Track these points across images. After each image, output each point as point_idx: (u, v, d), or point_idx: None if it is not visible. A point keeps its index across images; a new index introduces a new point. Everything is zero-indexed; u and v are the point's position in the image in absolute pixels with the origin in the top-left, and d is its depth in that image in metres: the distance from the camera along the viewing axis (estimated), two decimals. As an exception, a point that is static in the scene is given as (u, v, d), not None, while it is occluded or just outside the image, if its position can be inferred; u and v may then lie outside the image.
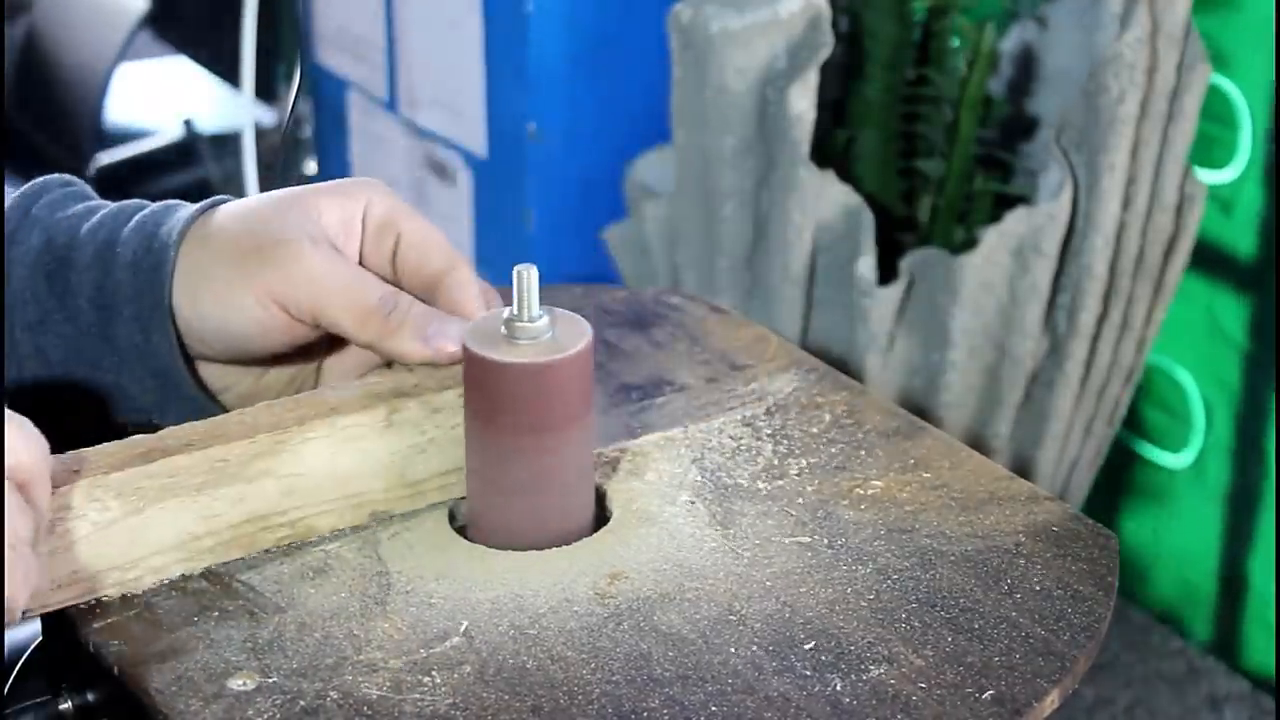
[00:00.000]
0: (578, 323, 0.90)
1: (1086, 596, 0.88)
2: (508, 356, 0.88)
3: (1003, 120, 1.89)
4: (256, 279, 0.93)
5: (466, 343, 0.89)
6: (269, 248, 0.93)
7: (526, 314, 0.89)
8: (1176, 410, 2.08)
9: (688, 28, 1.77)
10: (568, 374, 0.89)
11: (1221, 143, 1.94)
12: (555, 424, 0.89)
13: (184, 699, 0.81)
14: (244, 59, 2.57)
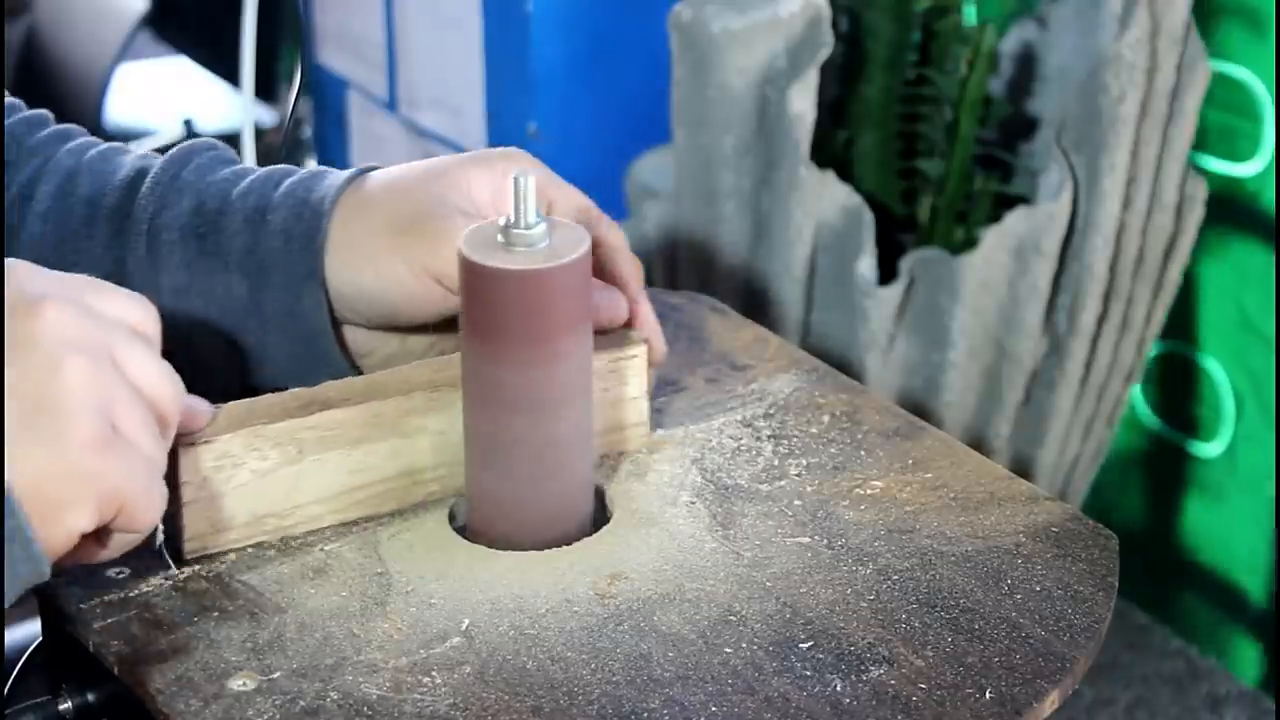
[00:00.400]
0: (576, 231, 0.89)
1: (1087, 597, 0.88)
2: (504, 263, 0.87)
3: (1003, 120, 1.89)
4: (412, 252, 0.95)
5: (462, 250, 0.88)
6: (424, 221, 0.95)
7: (523, 221, 0.88)
8: (1207, 400, 2.08)
9: (688, 28, 1.77)
10: (565, 281, 0.87)
11: (1246, 135, 1.94)
12: (553, 333, 0.88)
13: (184, 699, 0.81)
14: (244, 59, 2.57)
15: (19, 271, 0.81)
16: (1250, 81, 1.93)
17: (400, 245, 0.95)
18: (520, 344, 0.88)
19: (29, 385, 0.79)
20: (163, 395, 0.82)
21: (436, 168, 0.97)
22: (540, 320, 0.87)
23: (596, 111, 2.13)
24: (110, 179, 1.01)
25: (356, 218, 0.96)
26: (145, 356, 0.82)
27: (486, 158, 0.98)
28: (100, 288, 0.83)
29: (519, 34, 2.10)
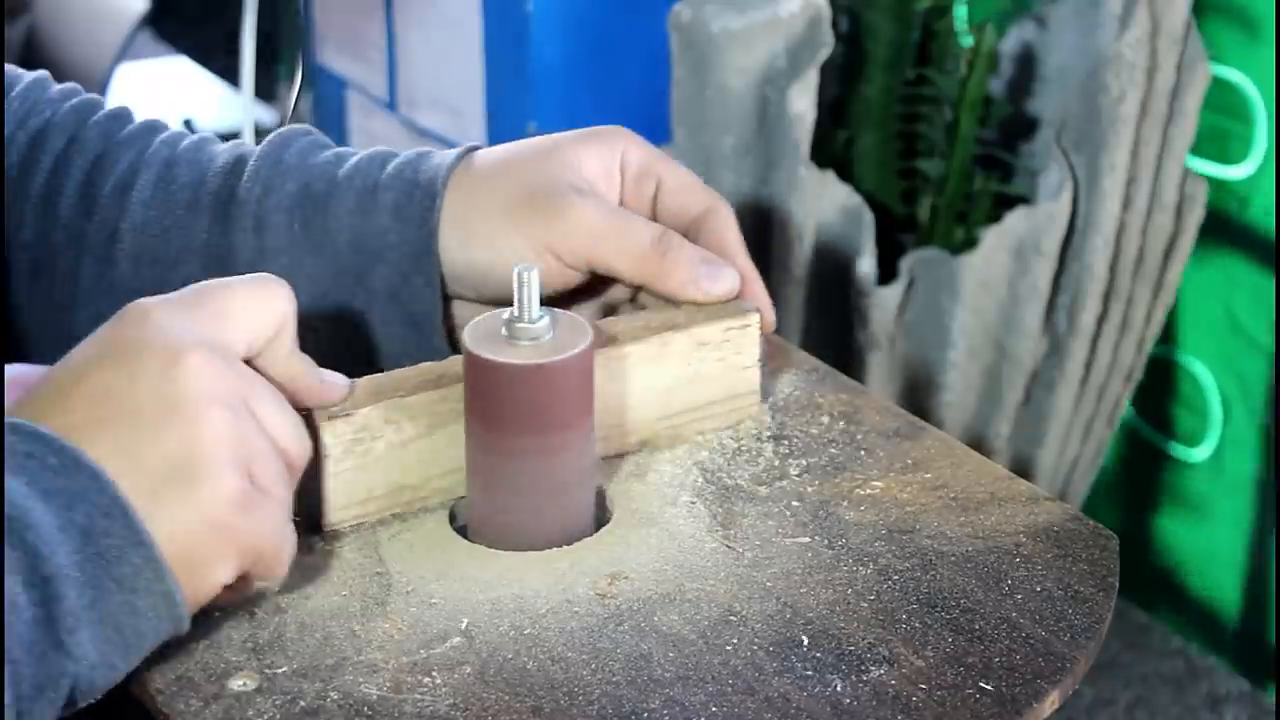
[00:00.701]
0: (579, 324, 0.90)
1: (1087, 597, 0.88)
2: (508, 357, 0.88)
3: (1003, 120, 1.89)
4: (530, 229, 0.96)
5: (465, 343, 0.89)
6: (542, 198, 0.96)
7: (527, 315, 0.89)
8: (1195, 405, 2.08)
9: (688, 28, 1.77)
10: (568, 375, 0.89)
11: (1237, 138, 1.94)
12: (556, 425, 0.89)
13: (184, 699, 0.81)
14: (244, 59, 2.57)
15: (158, 316, 0.82)
16: (1241, 83, 1.93)
17: (518, 222, 0.96)
18: (524, 436, 0.89)
19: (172, 443, 0.80)
20: (292, 444, 0.84)
21: (545, 146, 0.99)
22: (544, 413, 0.89)
23: (596, 111, 2.13)
24: (209, 166, 1.02)
25: (469, 196, 0.98)
26: (278, 406, 0.84)
27: (596, 135, 1.00)
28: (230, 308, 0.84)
29: (519, 34, 2.10)
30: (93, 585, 0.77)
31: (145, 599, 0.79)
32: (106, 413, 0.80)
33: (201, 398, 0.80)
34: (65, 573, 0.76)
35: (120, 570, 0.78)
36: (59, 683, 0.76)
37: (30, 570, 0.76)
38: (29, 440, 0.78)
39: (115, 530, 0.78)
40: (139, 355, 0.81)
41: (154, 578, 0.79)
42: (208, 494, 0.80)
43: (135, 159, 1.02)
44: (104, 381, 0.80)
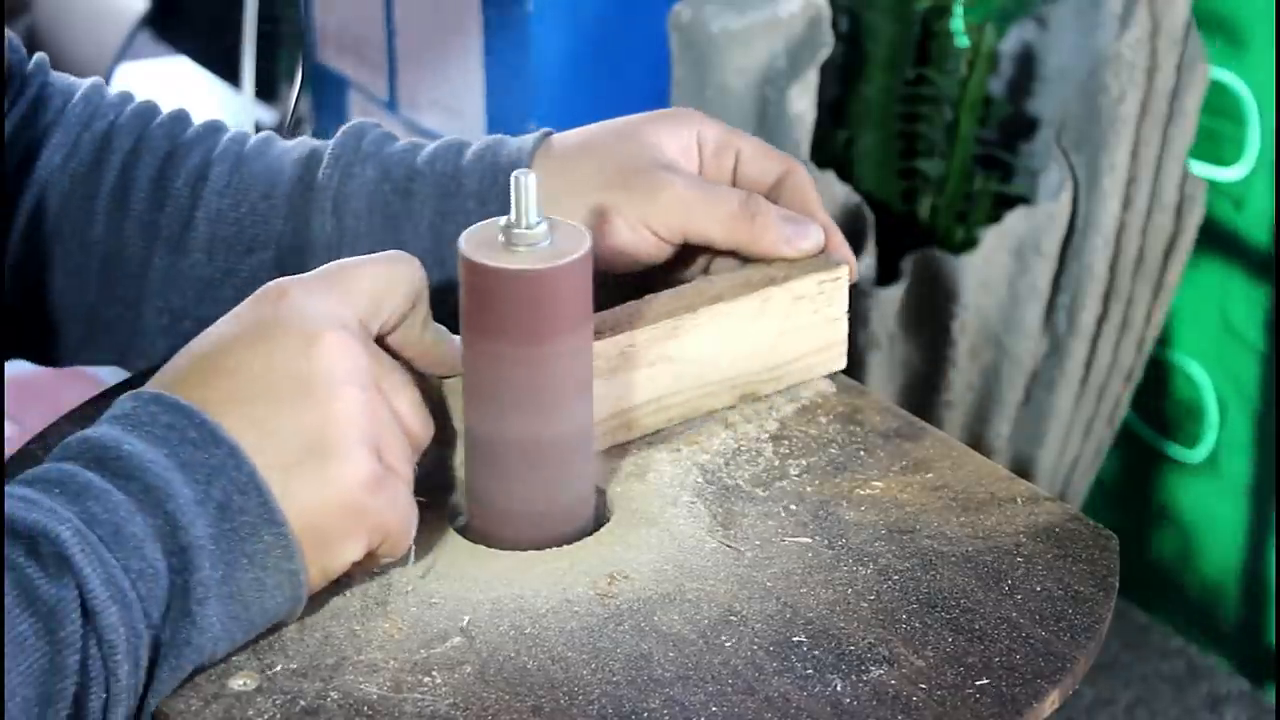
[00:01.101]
0: (577, 231, 0.89)
1: (1087, 597, 0.88)
2: (505, 263, 0.87)
3: (1003, 120, 1.89)
4: (625, 206, 0.99)
5: (462, 249, 0.88)
6: (633, 175, 0.99)
7: (525, 220, 0.87)
8: (1191, 406, 2.08)
9: (688, 28, 1.77)
10: (566, 281, 0.87)
11: (1230, 140, 1.95)
12: (554, 332, 0.88)
13: (184, 699, 0.81)
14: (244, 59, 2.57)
15: (294, 296, 0.84)
16: (1234, 85, 1.93)
17: (613, 199, 0.99)
18: (521, 343, 0.88)
19: (307, 421, 0.82)
20: (417, 425, 0.86)
21: (624, 129, 1.02)
22: (541, 320, 0.87)
23: (596, 111, 2.12)
24: (282, 158, 1.04)
25: (555, 177, 0.99)
26: (406, 387, 0.86)
27: (671, 116, 1.03)
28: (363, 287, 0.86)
29: (519, 34, 2.10)
30: (225, 560, 0.80)
31: (273, 576, 0.81)
32: (244, 390, 0.82)
33: (335, 378, 0.82)
34: (201, 544, 0.79)
35: (253, 547, 0.80)
36: (183, 652, 0.79)
37: (169, 539, 0.78)
38: (171, 412, 0.81)
39: (250, 507, 0.80)
40: (276, 335, 0.83)
41: (283, 556, 0.81)
42: (339, 473, 0.82)
43: (206, 154, 1.04)
44: (242, 360, 0.82)
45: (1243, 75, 1.92)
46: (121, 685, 0.77)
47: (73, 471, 0.79)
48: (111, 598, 0.76)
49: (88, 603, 0.76)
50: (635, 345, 0.96)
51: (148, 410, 0.81)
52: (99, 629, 0.76)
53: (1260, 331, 1.98)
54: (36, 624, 0.75)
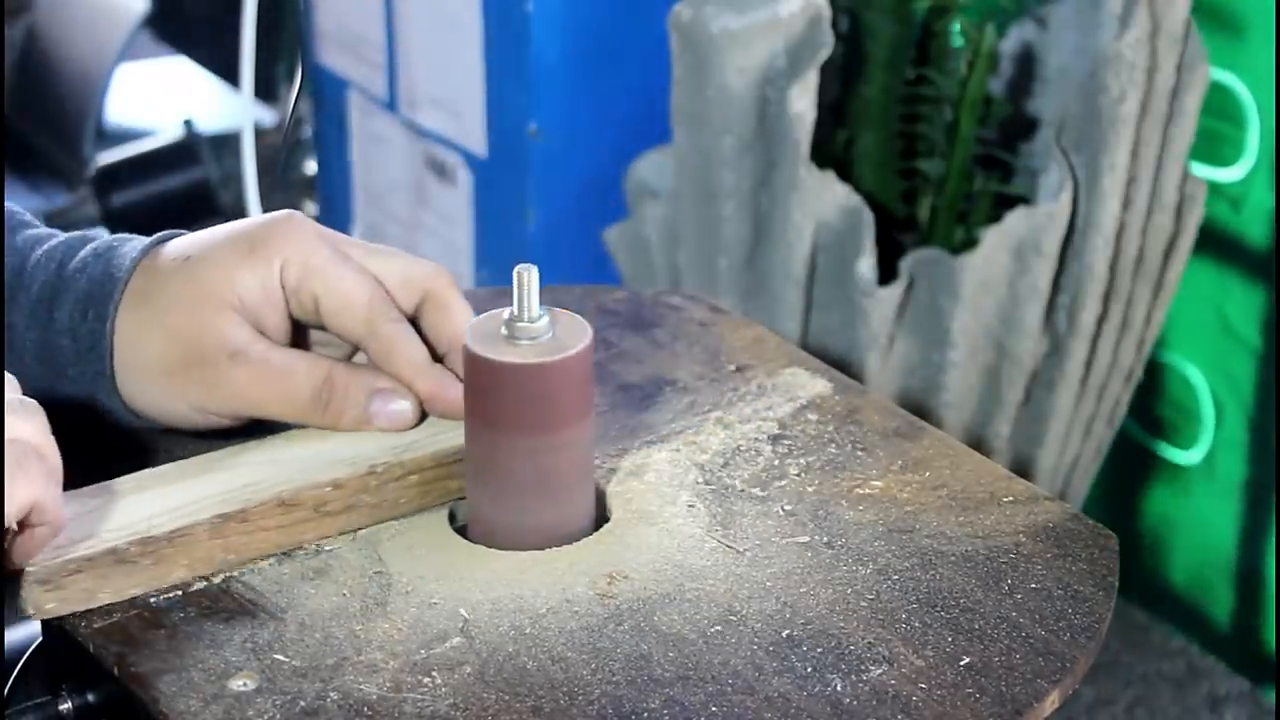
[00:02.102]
0: (578, 323, 0.91)
1: (1087, 597, 0.88)
2: (508, 356, 0.89)
3: (1003, 120, 1.89)
4: (189, 395, 0.95)
5: (467, 343, 0.90)
6: (195, 368, 0.95)
7: (527, 314, 0.89)
8: (1187, 407, 2.08)
9: (688, 28, 1.77)
10: (568, 374, 0.89)
11: (1229, 140, 1.94)
12: (555, 424, 0.89)
13: (184, 699, 0.81)
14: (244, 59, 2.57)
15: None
16: (1234, 86, 1.93)
17: (177, 390, 0.95)
18: (525, 434, 0.89)
19: None
20: None
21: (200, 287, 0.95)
22: (545, 411, 0.89)
23: (596, 111, 2.13)
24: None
25: (131, 354, 0.96)
26: None
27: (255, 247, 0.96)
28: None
29: (519, 34, 2.10)
30: None
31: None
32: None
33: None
34: None
35: None
36: None
37: None
38: None
39: None
40: None
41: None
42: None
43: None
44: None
45: (1242, 76, 1.92)
46: None
47: None
48: None
49: None
50: None
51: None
52: None
53: (1257, 333, 1.98)
54: None
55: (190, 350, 0.95)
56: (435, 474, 0.94)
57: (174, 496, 0.90)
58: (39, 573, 0.86)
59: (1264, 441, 2.01)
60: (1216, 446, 2.06)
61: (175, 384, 0.95)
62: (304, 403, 0.95)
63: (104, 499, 0.90)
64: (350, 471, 0.93)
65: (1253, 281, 1.97)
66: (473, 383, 0.90)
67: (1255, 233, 1.96)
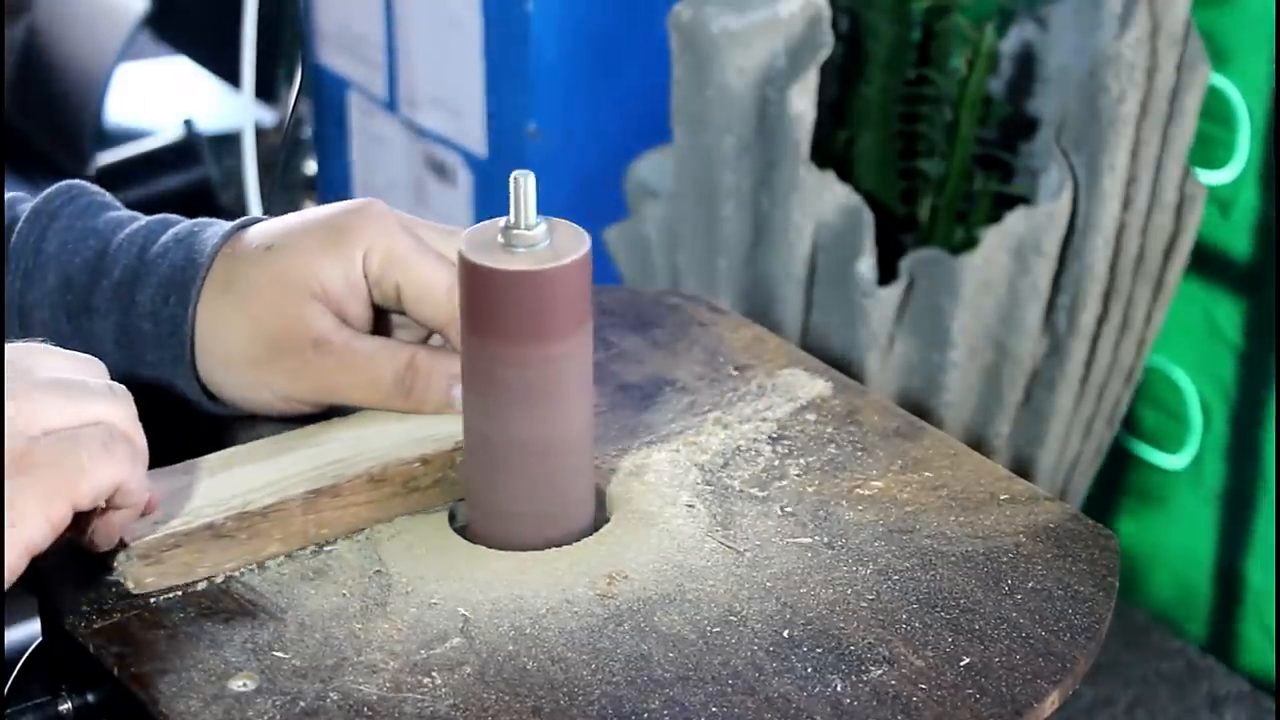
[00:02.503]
0: (576, 231, 0.89)
1: (1087, 597, 0.88)
2: (505, 264, 0.87)
3: (1003, 120, 1.89)
4: (274, 384, 0.97)
5: (463, 251, 0.88)
6: (279, 358, 0.96)
7: (523, 221, 0.87)
8: (1174, 411, 2.08)
9: (688, 28, 1.77)
10: (565, 281, 0.87)
11: (1220, 143, 1.94)
12: (553, 333, 0.88)
13: (184, 699, 0.81)
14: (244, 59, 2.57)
15: None
16: (1224, 88, 1.93)
17: (261, 379, 0.97)
18: (521, 344, 0.88)
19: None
20: None
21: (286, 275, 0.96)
22: (541, 320, 0.88)
23: (596, 111, 2.13)
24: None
25: (213, 339, 0.97)
26: None
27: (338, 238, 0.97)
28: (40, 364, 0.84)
29: (519, 34, 2.10)
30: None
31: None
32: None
33: None
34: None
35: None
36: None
37: None
38: None
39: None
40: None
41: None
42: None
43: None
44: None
45: (1233, 79, 1.92)
46: None
47: None
48: None
49: None
50: None
51: None
52: None
53: (1244, 337, 1.98)
54: None
55: (275, 340, 0.96)
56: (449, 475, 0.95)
57: (265, 473, 0.92)
58: (139, 547, 0.87)
59: (1249, 446, 2.01)
60: (1203, 451, 2.06)
61: (260, 373, 0.97)
62: (387, 389, 0.96)
63: (195, 476, 0.92)
64: (436, 448, 0.94)
65: (1240, 285, 1.97)
66: (469, 292, 0.88)
67: (1244, 236, 1.96)
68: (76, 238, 1.00)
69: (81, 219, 1.00)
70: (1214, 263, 1.98)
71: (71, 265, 0.99)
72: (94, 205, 1.01)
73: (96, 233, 1.00)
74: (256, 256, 0.97)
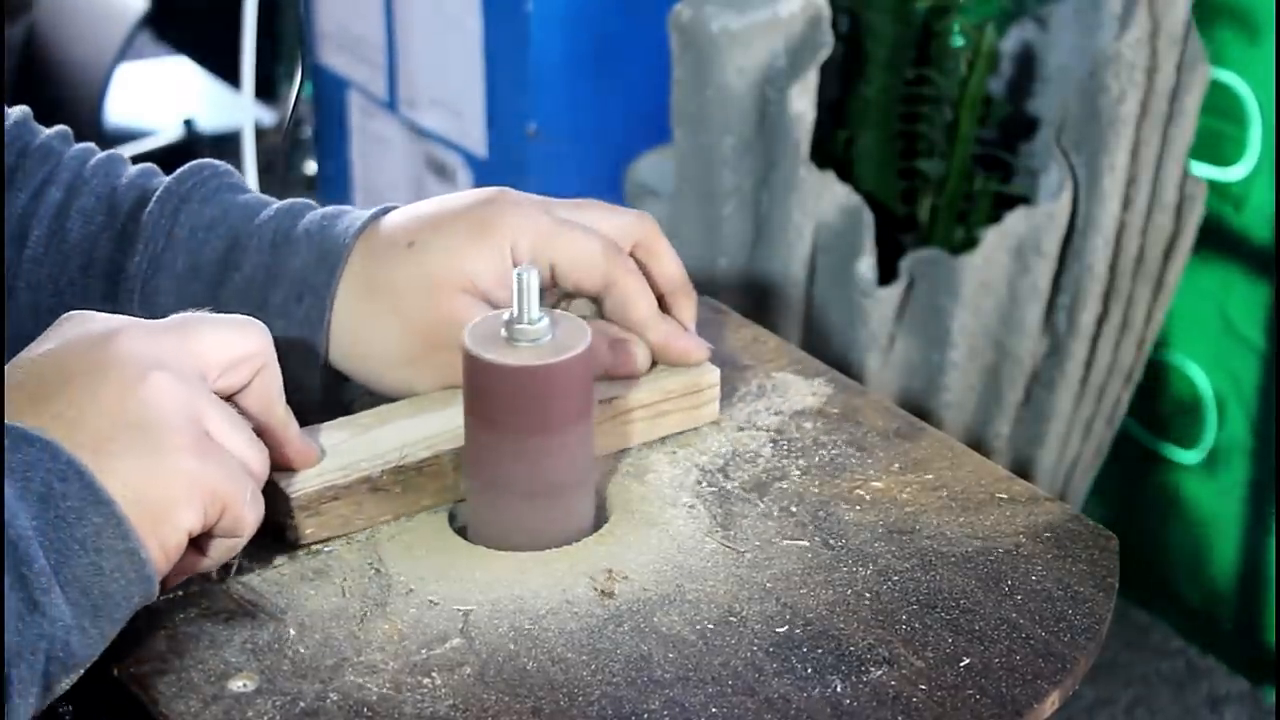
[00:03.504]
0: (577, 325, 0.90)
1: (1087, 597, 0.88)
2: (507, 358, 0.88)
3: (1003, 120, 1.89)
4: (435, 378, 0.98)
5: (466, 344, 0.89)
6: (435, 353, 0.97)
7: (526, 316, 0.89)
8: (1190, 407, 2.08)
9: (688, 28, 1.77)
10: (567, 376, 0.89)
11: (1231, 140, 1.94)
12: (555, 426, 0.89)
13: (184, 700, 0.81)
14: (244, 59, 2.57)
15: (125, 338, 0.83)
16: (1236, 86, 1.93)
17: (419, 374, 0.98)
18: (524, 436, 0.89)
19: (112, 401, 0.81)
20: (253, 460, 0.86)
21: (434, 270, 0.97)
22: (544, 413, 0.89)
23: (596, 111, 2.13)
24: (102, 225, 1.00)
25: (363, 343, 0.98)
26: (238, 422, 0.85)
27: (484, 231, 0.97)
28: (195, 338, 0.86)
29: (519, 34, 2.10)
30: (57, 549, 0.78)
31: (110, 559, 0.79)
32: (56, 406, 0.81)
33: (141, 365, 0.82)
34: (28, 536, 0.77)
35: (82, 531, 0.78)
36: (36, 645, 0.76)
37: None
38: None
39: (72, 492, 0.79)
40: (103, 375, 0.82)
41: (116, 536, 0.79)
42: (159, 439, 0.81)
43: (29, 203, 1.01)
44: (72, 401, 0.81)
45: (1245, 76, 1.92)
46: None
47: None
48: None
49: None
50: None
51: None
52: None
53: (1260, 331, 1.98)
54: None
55: (429, 337, 0.97)
56: (664, 408, 0.99)
57: (417, 429, 0.94)
58: (300, 499, 0.90)
59: (1266, 441, 2.01)
60: (1219, 446, 2.06)
61: (418, 370, 0.98)
62: None
63: (350, 432, 0.94)
64: None
65: (1255, 281, 1.97)
66: (472, 383, 0.90)
67: (1258, 232, 1.96)
68: (206, 225, 0.99)
69: (211, 204, 1.00)
70: (1229, 258, 1.98)
71: (200, 254, 0.99)
72: (224, 187, 1.01)
73: (226, 221, 1.00)
74: (399, 255, 0.97)
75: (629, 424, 0.98)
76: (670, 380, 0.99)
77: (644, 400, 0.98)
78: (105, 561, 0.79)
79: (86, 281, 0.99)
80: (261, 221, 0.99)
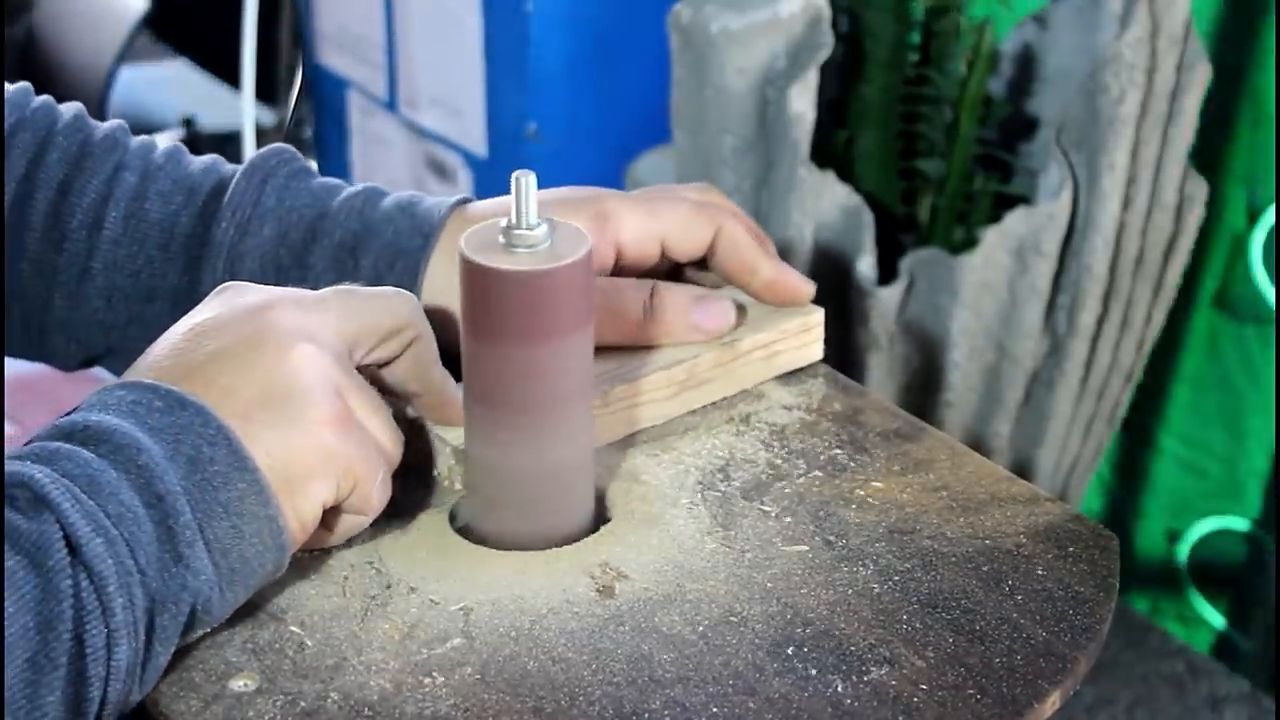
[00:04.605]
0: (577, 233, 0.89)
1: (1087, 597, 0.88)
2: (505, 264, 0.87)
3: (1003, 120, 1.89)
4: None
5: (463, 250, 0.88)
6: None
7: (524, 222, 0.87)
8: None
9: (688, 28, 1.77)
10: (566, 282, 0.87)
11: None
12: (555, 333, 0.88)
13: (184, 699, 0.81)
14: (244, 59, 2.57)
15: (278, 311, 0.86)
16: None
17: None
18: (522, 345, 0.88)
19: (263, 371, 0.84)
20: (387, 442, 0.88)
21: None
22: (542, 321, 0.87)
23: (596, 111, 2.13)
24: (182, 202, 1.03)
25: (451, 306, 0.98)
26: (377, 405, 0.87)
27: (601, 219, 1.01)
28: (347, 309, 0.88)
29: (519, 34, 2.10)
30: (201, 509, 0.81)
31: (250, 524, 0.82)
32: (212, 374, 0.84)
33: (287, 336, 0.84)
34: (176, 492, 0.80)
35: (226, 495, 0.81)
36: (180, 597, 0.80)
37: (145, 489, 0.79)
38: (135, 390, 0.82)
39: (220, 457, 0.81)
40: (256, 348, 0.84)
41: (258, 502, 0.82)
42: (302, 412, 0.83)
43: (103, 188, 1.03)
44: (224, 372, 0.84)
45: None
46: (119, 620, 0.77)
47: (42, 444, 0.80)
48: (94, 531, 0.77)
49: (71, 537, 0.77)
50: None
51: (113, 394, 0.83)
52: (86, 560, 0.77)
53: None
54: (22, 559, 0.75)
55: None
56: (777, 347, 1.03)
57: None
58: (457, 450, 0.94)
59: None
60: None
61: None
62: (635, 318, 1.00)
63: None
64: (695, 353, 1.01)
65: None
66: (470, 292, 0.88)
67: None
68: (294, 196, 1.02)
69: (297, 180, 1.03)
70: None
71: (289, 220, 1.01)
72: (303, 170, 1.04)
73: (312, 193, 1.02)
74: None
75: (747, 365, 1.01)
76: (785, 320, 1.03)
77: (761, 341, 1.02)
78: (246, 525, 0.82)
79: (166, 258, 1.02)
80: (349, 194, 1.02)
